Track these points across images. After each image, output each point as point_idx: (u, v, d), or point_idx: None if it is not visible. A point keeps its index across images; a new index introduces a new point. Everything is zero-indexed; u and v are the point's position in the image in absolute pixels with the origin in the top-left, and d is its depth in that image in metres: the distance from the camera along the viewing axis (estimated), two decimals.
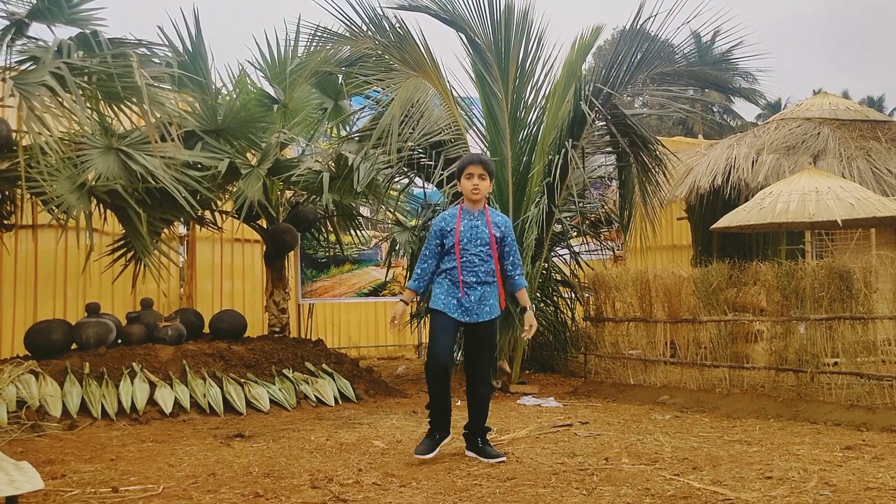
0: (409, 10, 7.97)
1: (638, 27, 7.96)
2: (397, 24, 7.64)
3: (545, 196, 7.55)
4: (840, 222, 7.45)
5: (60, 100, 5.84)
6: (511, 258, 4.73)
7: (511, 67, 8.11)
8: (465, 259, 4.59)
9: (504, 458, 4.56)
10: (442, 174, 7.48)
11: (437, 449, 4.64)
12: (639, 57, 7.99)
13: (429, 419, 4.73)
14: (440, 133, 7.50)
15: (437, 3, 7.95)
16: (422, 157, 8.13)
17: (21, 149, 6.05)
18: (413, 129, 7.25)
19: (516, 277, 4.74)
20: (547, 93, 8.39)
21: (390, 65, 7.61)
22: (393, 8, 7.77)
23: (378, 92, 7.94)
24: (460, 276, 4.57)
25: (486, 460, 4.55)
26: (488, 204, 4.74)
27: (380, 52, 7.67)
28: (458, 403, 5.98)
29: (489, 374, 4.70)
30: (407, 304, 4.80)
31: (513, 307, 7.45)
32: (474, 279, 4.59)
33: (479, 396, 4.66)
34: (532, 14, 8.16)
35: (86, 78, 6.48)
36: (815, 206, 7.56)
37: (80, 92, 6.21)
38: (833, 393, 5.86)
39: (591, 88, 7.84)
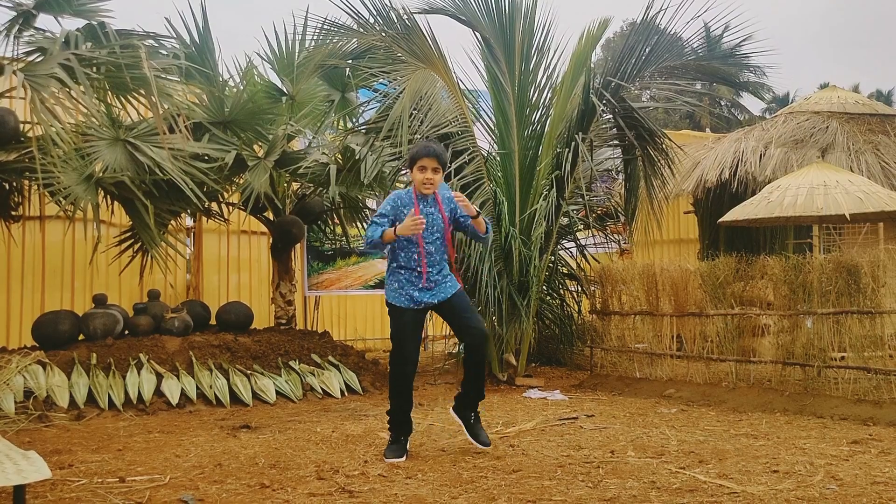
0: (429, 13, 7.98)
1: (648, 20, 7.92)
2: (405, 17, 7.62)
3: (554, 189, 7.53)
4: (848, 216, 7.41)
5: (69, 90, 5.85)
6: (464, 219, 4.61)
7: (517, 61, 8.09)
8: (423, 249, 4.50)
9: (488, 446, 4.53)
10: (449, 167, 7.46)
11: (406, 453, 4.53)
12: (648, 50, 7.95)
13: (390, 427, 4.64)
14: (448, 125, 7.48)
15: (454, 5, 7.96)
16: None
17: (34, 140, 6.06)
18: (422, 122, 7.23)
19: (470, 229, 4.63)
20: (555, 85, 8.37)
21: (398, 57, 7.59)
22: (416, 13, 7.77)
23: (385, 85, 7.92)
24: (424, 269, 4.50)
25: (471, 440, 4.54)
26: (494, 198, 4.76)
27: (387, 45, 7.65)
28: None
29: (483, 329, 4.54)
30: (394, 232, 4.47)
31: (519, 298, 7.45)
32: (431, 269, 4.52)
33: (475, 359, 4.53)
34: (539, 6, 8.15)
35: (94, 69, 6.49)
36: (823, 200, 7.53)
37: (89, 83, 6.22)
38: (840, 387, 5.84)
39: (600, 81, 7.80)
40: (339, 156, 8.06)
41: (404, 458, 4.47)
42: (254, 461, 4.43)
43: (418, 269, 4.52)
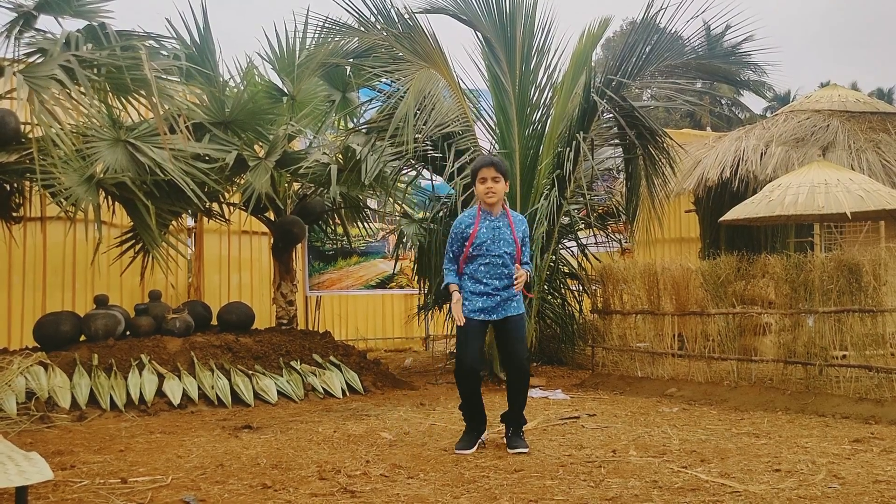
0: (431, 13, 7.99)
1: (649, 19, 7.92)
2: (406, 16, 7.62)
3: (555, 188, 7.53)
4: (849, 215, 7.41)
5: (69, 91, 5.85)
6: (525, 254, 4.77)
7: (518, 61, 8.09)
8: (488, 261, 4.62)
9: (524, 451, 4.55)
10: (452, 167, 7.48)
11: (476, 445, 4.70)
12: (648, 49, 7.95)
13: (464, 419, 4.83)
14: (451, 125, 7.48)
15: (455, 5, 7.97)
16: (429, 149, 8.12)
17: (34, 141, 6.06)
18: (426, 121, 7.23)
19: (521, 265, 4.75)
20: (555, 85, 8.37)
21: (399, 56, 7.59)
22: (418, 12, 7.78)
23: (388, 85, 7.92)
24: (484, 279, 4.62)
25: (508, 449, 4.61)
26: None
27: (389, 44, 7.65)
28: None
29: (524, 364, 4.67)
30: (459, 292, 4.69)
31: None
32: (498, 282, 4.62)
33: (515, 387, 4.69)
34: (539, 6, 8.16)
35: (95, 70, 6.49)
36: (825, 198, 7.52)
37: (90, 84, 6.23)
38: (842, 386, 5.84)
39: (601, 80, 7.81)
40: (340, 156, 8.06)
41: (470, 450, 4.59)
42: (255, 461, 4.43)
43: (484, 280, 4.63)
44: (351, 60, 8.08)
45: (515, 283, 4.64)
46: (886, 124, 10.92)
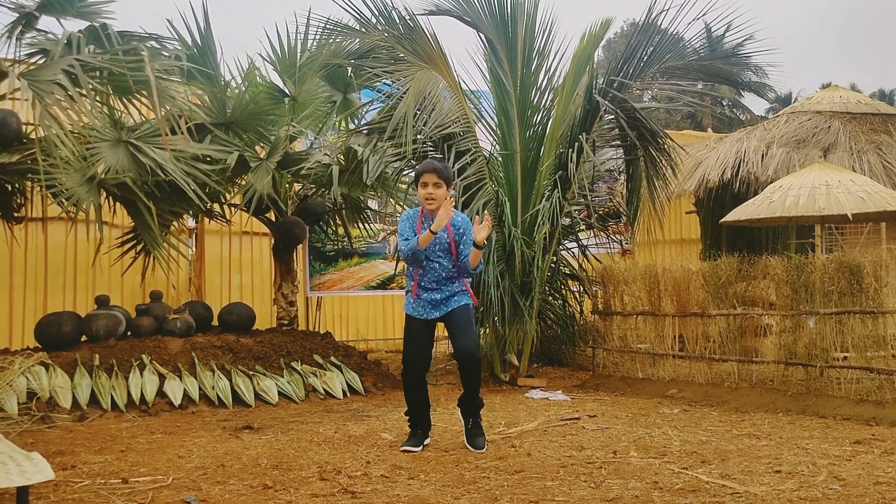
0: (434, 15, 8.01)
1: (651, 21, 7.92)
2: (407, 17, 7.62)
3: (557, 189, 7.53)
4: (850, 216, 7.41)
5: (70, 94, 5.86)
6: (466, 246, 4.71)
7: (520, 62, 8.09)
8: (428, 267, 4.69)
9: (482, 451, 4.60)
10: (453, 168, 7.47)
11: (422, 445, 4.76)
12: (650, 50, 7.95)
13: (409, 422, 4.89)
14: (451, 125, 7.49)
15: (458, 6, 7.97)
16: (430, 150, 8.12)
17: (37, 142, 6.07)
18: (425, 122, 7.24)
19: (463, 258, 4.72)
20: (556, 86, 8.37)
21: (400, 57, 7.59)
22: (421, 14, 7.80)
23: (388, 85, 7.93)
24: (423, 283, 4.71)
25: (467, 444, 4.69)
26: (497, 198, 4.79)
27: (390, 45, 7.66)
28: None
29: (470, 346, 4.68)
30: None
31: (521, 299, 7.46)
32: (436, 285, 4.71)
33: (471, 375, 4.71)
34: (540, 6, 8.16)
35: (97, 73, 6.50)
36: (826, 199, 7.52)
37: (91, 86, 6.24)
38: (842, 387, 5.84)
39: (603, 81, 7.81)
40: (342, 157, 8.06)
41: (418, 448, 4.69)
42: (256, 462, 4.43)
43: (424, 285, 4.71)
44: (353, 61, 8.08)
45: (484, 225, 4.58)
46: (888, 126, 10.92)
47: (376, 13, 7.57)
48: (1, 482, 2.87)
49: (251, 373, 6.86)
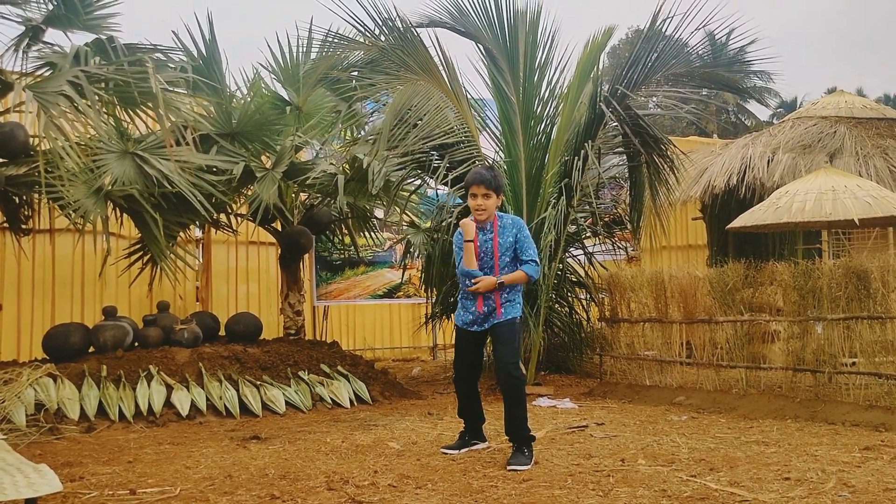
0: (427, 27, 8.05)
1: (655, 27, 7.93)
2: (402, 29, 7.64)
3: (562, 197, 7.53)
4: (857, 221, 7.39)
5: (76, 105, 5.89)
6: (523, 252, 4.73)
7: (522, 71, 8.11)
8: (475, 276, 4.72)
9: (519, 469, 4.33)
10: (447, 176, 7.52)
11: (466, 449, 4.89)
12: (654, 57, 7.96)
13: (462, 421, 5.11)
14: (443, 136, 7.49)
15: (453, 18, 8.00)
16: (435, 159, 8.14)
17: (41, 154, 6.10)
18: (407, 133, 7.26)
19: (521, 265, 4.73)
20: (561, 94, 8.38)
21: (390, 69, 7.63)
22: (415, 26, 7.82)
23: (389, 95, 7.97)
24: (471, 294, 4.76)
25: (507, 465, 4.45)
26: (501, 208, 4.80)
27: (383, 57, 7.70)
28: None
29: (512, 367, 4.65)
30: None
31: (528, 309, 7.45)
32: (485, 293, 4.71)
33: (506, 394, 4.71)
34: (542, 17, 8.18)
35: (103, 85, 6.54)
36: (832, 205, 7.50)
37: (97, 98, 6.27)
38: (851, 393, 5.81)
39: (608, 89, 7.81)
40: (347, 166, 8.08)
41: (455, 452, 4.84)
42: (264, 472, 4.43)
43: (472, 296, 4.77)
44: (355, 72, 8.12)
45: (473, 284, 4.67)
46: (894, 130, 10.89)
47: (378, 24, 7.60)
48: (9, 494, 2.87)
49: (258, 383, 6.87)
